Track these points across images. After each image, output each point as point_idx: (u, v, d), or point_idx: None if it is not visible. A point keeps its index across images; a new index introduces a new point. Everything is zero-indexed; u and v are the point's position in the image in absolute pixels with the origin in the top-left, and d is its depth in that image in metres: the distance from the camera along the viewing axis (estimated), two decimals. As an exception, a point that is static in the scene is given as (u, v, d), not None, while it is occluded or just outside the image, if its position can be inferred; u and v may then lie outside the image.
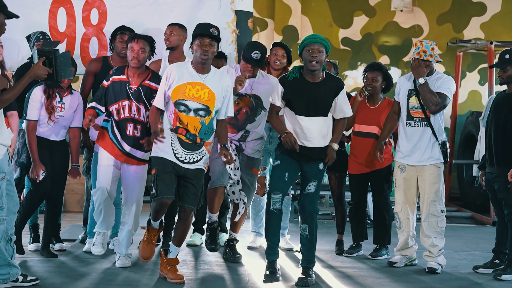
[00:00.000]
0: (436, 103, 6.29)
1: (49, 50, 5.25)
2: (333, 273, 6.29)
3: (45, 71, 5.16)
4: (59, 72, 5.28)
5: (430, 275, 6.33)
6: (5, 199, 5.07)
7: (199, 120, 5.65)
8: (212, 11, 7.59)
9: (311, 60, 5.74)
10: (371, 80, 6.95)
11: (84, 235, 7.15)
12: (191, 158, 5.71)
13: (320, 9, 11.95)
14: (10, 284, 5.33)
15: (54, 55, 5.22)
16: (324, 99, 5.83)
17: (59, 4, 7.46)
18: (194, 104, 5.63)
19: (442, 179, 6.51)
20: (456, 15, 12.02)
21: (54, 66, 5.23)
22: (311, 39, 5.80)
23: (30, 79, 5.14)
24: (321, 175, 5.96)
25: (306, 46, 5.78)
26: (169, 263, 5.78)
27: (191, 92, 5.64)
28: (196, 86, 5.66)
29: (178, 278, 5.72)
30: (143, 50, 6.02)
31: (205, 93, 5.66)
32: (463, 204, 11.02)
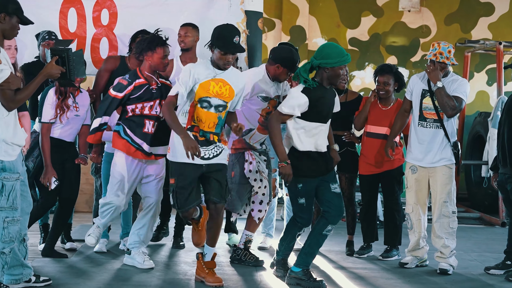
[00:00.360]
0: (453, 107, 6.28)
1: (62, 49, 5.26)
2: (344, 274, 6.28)
3: (58, 70, 5.15)
4: (72, 71, 5.28)
5: (442, 276, 6.32)
6: (19, 200, 5.06)
7: (217, 115, 5.69)
8: (222, 11, 7.59)
9: (341, 81, 6.19)
10: (383, 84, 6.94)
11: (94, 235, 7.14)
12: (210, 153, 5.69)
13: (328, 9, 11.95)
14: (23, 284, 5.33)
15: (67, 54, 5.22)
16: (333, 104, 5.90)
17: (70, 4, 7.47)
18: (216, 100, 5.68)
19: (453, 180, 6.51)
20: (464, 15, 12.01)
21: (67, 65, 5.23)
22: (346, 59, 5.70)
23: (43, 78, 5.14)
24: (335, 176, 5.98)
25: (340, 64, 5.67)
26: (207, 266, 5.72)
27: (215, 89, 5.66)
28: (219, 82, 5.69)
29: (217, 281, 5.64)
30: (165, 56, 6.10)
31: (227, 89, 5.71)
32: (471, 204, 11.01)
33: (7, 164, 4.96)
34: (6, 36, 5.06)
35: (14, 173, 5.01)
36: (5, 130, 4.93)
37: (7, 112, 4.95)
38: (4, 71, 4.84)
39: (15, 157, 5.03)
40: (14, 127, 5.01)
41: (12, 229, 5.02)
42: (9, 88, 4.89)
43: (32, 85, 5.06)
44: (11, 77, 4.88)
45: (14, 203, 5.02)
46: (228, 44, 5.59)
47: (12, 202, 5.01)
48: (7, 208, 4.98)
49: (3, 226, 4.97)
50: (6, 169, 4.96)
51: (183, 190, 5.65)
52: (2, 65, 4.84)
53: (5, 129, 4.94)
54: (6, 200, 4.96)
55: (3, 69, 4.84)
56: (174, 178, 5.69)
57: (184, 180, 5.65)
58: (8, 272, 5.18)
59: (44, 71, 5.12)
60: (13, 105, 4.96)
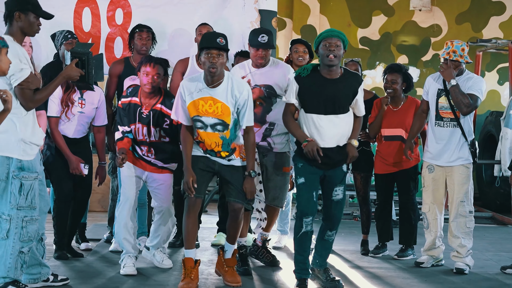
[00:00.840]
0: (468, 104, 6.25)
1: (83, 52, 5.27)
2: (361, 273, 6.27)
3: (78, 73, 5.16)
4: (91, 75, 5.29)
5: (458, 276, 6.30)
6: (37, 199, 5.07)
7: (219, 135, 5.49)
8: (236, 10, 7.59)
9: (328, 54, 5.39)
10: (391, 82, 6.91)
11: (109, 234, 7.16)
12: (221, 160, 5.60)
13: (339, 8, 11.94)
14: (41, 283, 5.34)
15: (87, 57, 5.23)
16: (343, 96, 5.50)
17: (84, 3, 7.49)
18: (210, 119, 5.46)
19: (471, 179, 6.48)
20: (475, 14, 12.00)
21: (87, 68, 5.24)
22: (328, 33, 5.49)
23: (63, 79, 5.15)
24: (345, 178, 5.72)
25: (323, 40, 5.46)
26: (227, 264, 5.68)
27: (204, 108, 5.45)
28: (208, 101, 5.46)
29: (235, 281, 5.59)
30: (158, 75, 5.89)
31: (218, 107, 5.45)
32: (482, 204, 10.98)
33: (25, 163, 4.97)
34: (27, 33, 5.08)
35: (33, 172, 5.02)
36: (23, 130, 4.94)
37: (25, 112, 4.95)
38: (24, 70, 4.85)
39: (33, 157, 5.03)
40: (32, 126, 5.02)
41: (31, 229, 5.02)
42: (28, 88, 4.90)
43: (51, 86, 5.07)
44: (31, 76, 4.89)
45: (32, 203, 5.02)
46: (209, 40, 5.43)
47: (31, 201, 5.01)
48: (25, 207, 4.99)
49: (21, 225, 4.98)
50: (24, 168, 4.96)
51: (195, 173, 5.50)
52: (22, 64, 4.85)
53: (24, 129, 4.94)
54: (24, 199, 4.97)
55: (23, 68, 4.85)
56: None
57: (196, 165, 5.52)
58: (27, 271, 5.20)
59: (64, 72, 5.14)
60: (32, 104, 4.97)
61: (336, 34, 5.49)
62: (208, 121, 5.47)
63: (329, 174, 5.60)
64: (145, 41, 6.80)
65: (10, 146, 4.85)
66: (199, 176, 5.52)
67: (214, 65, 5.37)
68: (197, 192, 5.50)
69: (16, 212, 4.96)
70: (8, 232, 4.95)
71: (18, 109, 4.92)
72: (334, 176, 5.61)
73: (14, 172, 4.92)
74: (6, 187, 4.96)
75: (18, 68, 4.83)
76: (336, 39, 5.46)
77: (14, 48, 4.80)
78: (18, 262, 4.99)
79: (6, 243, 4.95)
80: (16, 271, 4.98)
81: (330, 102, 5.48)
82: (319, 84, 5.48)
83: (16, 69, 4.82)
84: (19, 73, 4.84)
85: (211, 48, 5.39)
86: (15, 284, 4.98)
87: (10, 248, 4.96)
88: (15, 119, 4.89)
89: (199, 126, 5.49)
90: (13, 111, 4.84)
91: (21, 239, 4.99)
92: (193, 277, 5.52)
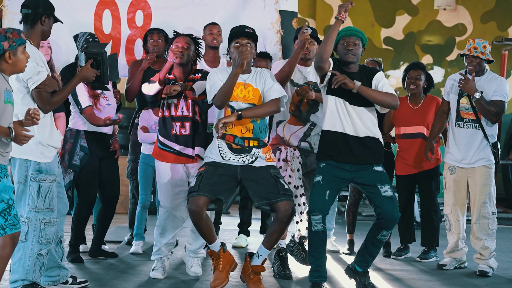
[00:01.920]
0: (496, 113, 6.21)
1: (97, 52, 5.26)
2: (382, 276, 6.21)
3: (93, 73, 5.17)
4: (106, 74, 5.29)
5: (481, 278, 6.21)
6: (55, 201, 5.08)
7: (250, 119, 5.46)
8: (256, 11, 7.55)
9: (347, 53, 5.38)
10: (415, 78, 6.86)
11: (130, 237, 7.18)
12: (243, 160, 5.44)
13: (362, 8, 11.87)
14: (60, 286, 5.35)
15: (102, 57, 5.23)
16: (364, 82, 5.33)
17: (105, 5, 7.49)
18: (240, 104, 5.45)
19: (493, 180, 6.39)
20: (501, 13, 11.87)
21: (101, 68, 5.24)
22: (346, 32, 5.41)
23: (79, 81, 5.16)
24: (385, 176, 5.38)
25: (341, 39, 5.40)
26: (254, 270, 5.44)
27: (235, 92, 5.45)
28: (240, 86, 5.49)
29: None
30: (188, 45, 5.84)
31: (249, 91, 5.50)
32: (509, 205, 10.85)
33: (43, 165, 4.98)
34: (44, 37, 5.13)
35: (51, 174, 5.03)
36: (41, 132, 4.95)
37: (43, 114, 4.96)
38: (41, 73, 4.87)
39: (51, 159, 5.05)
40: (50, 129, 5.04)
41: (49, 231, 5.04)
42: (45, 91, 4.91)
43: (68, 88, 5.08)
44: (48, 79, 4.91)
45: (50, 205, 5.04)
46: (238, 29, 5.61)
47: (49, 203, 5.02)
48: (43, 209, 5.00)
49: (40, 227, 4.99)
50: (42, 170, 4.98)
51: (211, 175, 5.32)
52: (39, 67, 4.87)
53: (42, 131, 4.95)
54: (43, 201, 4.98)
55: (40, 71, 4.86)
56: (204, 166, 5.41)
57: (215, 169, 5.35)
58: (46, 274, 5.21)
59: (80, 74, 5.14)
60: (49, 107, 4.98)
61: (354, 33, 5.43)
62: (239, 106, 5.44)
63: (358, 175, 5.37)
64: (156, 42, 6.81)
65: (28, 149, 4.86)
66: (216, 178, 5.33)
67: (243, 54, 5.37)
68: (206, 191, 5.24)
69: (35, 214, 4.97)
70: (27, 235, 4.96)
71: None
72: (366, 176, 5.36)
73: (32, 174, 4.94)
74: (24, 189, 4.98)
75: (35, 71, 4.85)
76: (355, 38, 5.41)
77: (31, 51, 4.81)
78: (37, 264, 5.00)
79: (24, 245, 4.96)
80: (35, 274, 4.99)
81: (349, 93, 5.30)
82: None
83: (33, 72, 4.84)
84: (36, 76, 4.86)
85: (240, 36, 5.51)
86: (33, 287, 4.98)
87: (28, 251, 4.97)
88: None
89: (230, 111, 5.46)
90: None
91: (39, 241, 5.00)
92: (221, 268, 5.39)
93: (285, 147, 6.04)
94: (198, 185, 5.27)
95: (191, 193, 5.27)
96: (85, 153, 6.29)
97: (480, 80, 6.30)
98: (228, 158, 5.42)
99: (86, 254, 6.60)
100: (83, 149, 6.29)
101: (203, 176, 5.33)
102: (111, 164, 6.46)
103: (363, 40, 5.46)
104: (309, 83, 6.11)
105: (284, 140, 6.07)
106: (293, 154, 6.03)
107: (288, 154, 6.01)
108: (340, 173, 5.35)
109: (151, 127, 6.81)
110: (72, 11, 7.40)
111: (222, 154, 5.43)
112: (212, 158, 5.46)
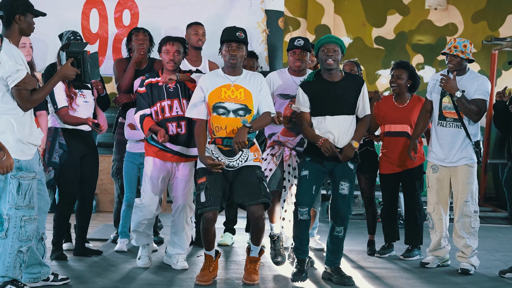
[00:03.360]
0: (477, 112, 6.25)
1: (78, 51, 5.30)
2: (363, 274, 6.24)
3: (73, 72, 5.21)
4: (87, 73, 5.33)
5: (463, 276, 6.24)
6: (35, 198, 5.12)
7: (240, 119, 5.66)
8: (242, 11, 7.61)
9: (326, 59, 5.78)
10: (396, 77, 6.92)
11: (115, 235, 7.20)
12: (235, 163, 5.67)
13: (353, 8, 11.89)
14: (41, 283, 5.38)
15: (82, 56, 5.28)
16: (346, 97, 5.83)
17: (92, 5, 7.54)
18: (232, 105, 5.67)
19: (475, 179, 6.42)
20: (492, 12, 11.87)
21: (82, 67, 5.29)
22: (325, 39, 5.86)
23: (59, 79, 5.20)
24: (352, 175, 5.89)
25: (322, 46, 5.83)
26: (249, 260, 5.81)
27: (226, 94, 5.68)
28: (231, 88, 5.71)
29: (249, 279, 5.70)
30: (178, 52, 6.05)
31: (241, 92, 5.71)
32: (498, 204, 10.87)
33: (23, 163, 5.02)
34: (25, 33, 5.15)
35: (31, 172, 5.07)
36: (21, 130, 4.99)
37: (23, 112, 5.01)
38: (20, 71, 4.90)
39: (31, 156, 5.08)
40: (30, 126, 5.07)
41: (29, 228, 5.07)
42: (25, 89, 4.95)
43: (48, 86, 5.13)
44: (27, 77, 4.95)
45: (31, 202, 5.07)
46: (229, 33, 5.74)
47: (29, 201, 5.06)
48: (24, 207, 5.03)
49: (20, 224, 5.03)
50: (22, 168, 5.01)
51: (214, 186, 5.59)
52: (18, 65, 4.90)
53: (21, 129, 4.99)
54: (23, 199, 5.02)
55: (19, 69, 4.90)
56: (205, 177, 5.64)
57: (215, 179, 5.61)
58: (27, 271, 5.25)
59: (60, 72, 5.19)
60: (29, 105, 5.02)
61: (334, 40, 5.88)
62: (230, 107, 5.67)
63: (333, 169, 5.88)
64: (142, 41, 6.84)
65: (8, 146, 4.88)
66: (217, 189, 5.61)
67: (234, 57, 5.70)
68: (215, 205, 5.58)
69: (15, 211, 5.01)
70: (7, 232, 5.00)
71: (16, 109, 4.98)
72: (337, 171, 5.87)
73: (12, 172, 4.96)
74: (4, 186, 5.02)
75: (14, 69, 4.89)
76: (334, 45, 5.81)
77: (10, 50, 4.86)
78: (17, 261, 5.04)
79: (4, 242, 5.01)
80: (15, 270, 5.03)
81: (335, 103, 5.80)
82: (323, 87, 5.84)
83: (13, 70, 4.88)
84: (15, 74, 4.89)
85: (231, 41, 5.70)
86: (14, 284, 5.02)
87: (8, 248, 5.01)
88: (12, 119, 4.96)
89: (221, 113, 5.67)
90: (10, 111, 4.93)
91: (19, 238, 5.03)
92: (211, 270, 5.74)
93: (279, 147, 6.30)
94: (209, 199, 5.56)
95: (205, 208, 5.55)
96: (64, 151, 6.31)
97: (462, 79, 6.34)
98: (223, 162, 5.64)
99: (71, 252, 6.61)
100: (62, 146, 6.31)
101: (209, 189, 5.59)
102: (91, 161, 6.47)
103: (342, 47, 5.87)
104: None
105: (281, 143, 6.33)
106: (291, 153, 6.29)
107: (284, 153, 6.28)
108: (322, 167, 5.88)
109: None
110: (60, 10, 7.45)
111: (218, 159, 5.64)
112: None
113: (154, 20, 7.49)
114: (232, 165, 5.66)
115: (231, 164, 5.66)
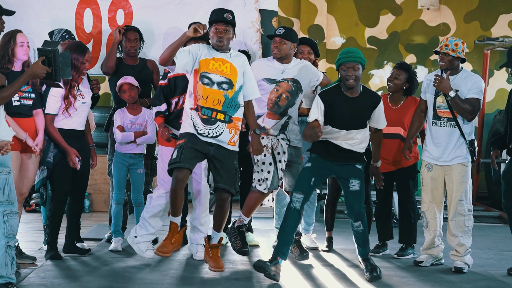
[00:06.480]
0: (471, 111, 6.27)
1: (49, 49, 5.31)
2: (358, 272, 6.25)
3: (43, 70, 5.21)
4: (58, 72, 5.35)
5: (456, 275, 6.27)
6: (14, 194, 5.11)
7: (223, 93, 5.84)
8: (236, 10, 7.45)
9: (348, 79, 5.89)
10: (394, 76, 6.92)
11: (110, 234, 7.19)
12: (211, 132, 5.82)
13: (346, 8, 11.91)
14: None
15: (54, 54, 5.29)
16: (363, 114, 6.02)
17: (86, 4, 7.52)
18: (217, 77, 5.87)
19: (469, 177, 6.45)
20: (484, 12, 11.91)
21: (53, 66, 5.30)
22: (345, 58, 5.92)
23: (29, 77, 5.21)
24: (361, 173, 6.04)
25: (342, 65, 5.92)
26: (211, 248, 5.93)
27: (214, 66, 5.88)
28: (219, 61, 5.91)
29: (217, 267, 5.87)
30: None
31: (227, 67, 5.90)
32: (491, 203, 10.91)
33: None
34: None
35: (6, 167, 5.07)
36: None
37: None
38: None
39: None
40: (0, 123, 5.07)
41: (13, 222, 5.10)
42: None
43: (17, 84, 5.14)
44: None
45: (10, 197, 5.09)
46: (217, 14, 5.93)
47: (8, 195, 5.09)
48: (3, 201, 5.07)
49: (3, 220, 5.04)
50: None
51: (190, 148, 5.77)
52: None
53: None
54: (2, 193, 5.03)
55: None
56: (184, 139, 5.83)
57: (194, 144, 5.79)
58: None
59: (30, 70, 5.21)
60: None
61: (353, 59, 5.89)
62: (215, 79, 5.87)
63: (340, 170, 6.02)
64: (133, 43, 7.00)
65: None
66: (193, 152, 5.78)
67: (221, 39, 5.90)
68: (187, 163, 5.74)
69: (-3, 207, 5.01)
70: None
71: None
72: (345, 171, 6.01)
73: None
74: None
75: None
76: (354, 64, 5.89)
77: None
78: (7, 258, 5.04)
79: (-9, 240, 5.00)
80: (7, 269, 5.02)
81: (353, 120, 5.97)
82: (341, 102, 5.97)
83: None
84: None
85: (219, 21, 5.89)
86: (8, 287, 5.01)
87: (-3, 245, 5.01)
88: None
89: (206, 83, 5.85)
90: None
91: (5, 234, 5.05)
92: (173, 241, 5.88)
93: (267, 137, 6.34)
94: (179, 156, 5.73)
95: (175, 164, 5.72)
96: (58, 151, 6.31)
97: (455, 78, 6.36)
98: (201, 131, 5.82)
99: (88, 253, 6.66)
100: (57, 146, 6.30)
101: (183, 149, 5.76)
102: (82, 159, 6.44)
103: (362, 63, 5.95)
104: (287, 79, 6.39)
105: (265, 130, 6.35)
106: (277, 140, 6.35)
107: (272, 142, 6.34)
108: (328, 165, 6.02)
109: (127, 126, 6.84)
110: (53, 10, 7.44)
111: (196, 125, 5.83)
112: (187, 129, 5.86)
113: (148, 19, 7.49)
114: (205, 134, 5.80)
115: (204, 133, 5.80)
